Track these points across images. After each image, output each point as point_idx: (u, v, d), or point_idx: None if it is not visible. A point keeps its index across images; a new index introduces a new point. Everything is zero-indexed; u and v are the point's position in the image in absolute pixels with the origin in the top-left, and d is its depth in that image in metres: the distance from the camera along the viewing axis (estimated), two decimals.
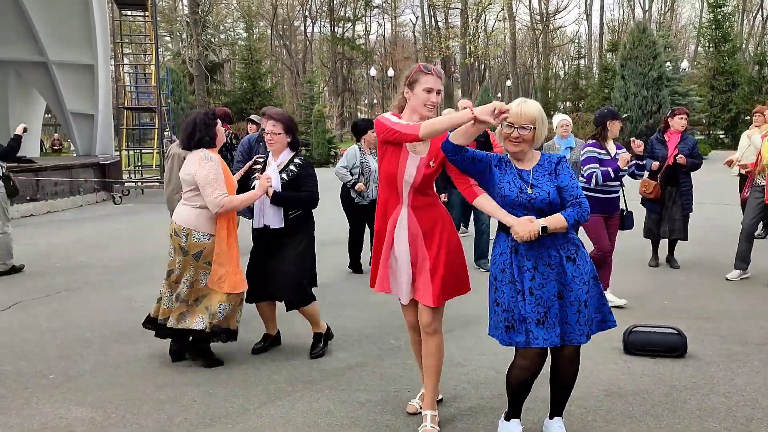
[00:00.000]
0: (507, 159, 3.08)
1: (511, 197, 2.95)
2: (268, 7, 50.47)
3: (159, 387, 3.98)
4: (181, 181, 4.24)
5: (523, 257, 2.94)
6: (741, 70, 35.63)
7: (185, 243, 4.11)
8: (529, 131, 2.93)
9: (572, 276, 2.93)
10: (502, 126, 2.95)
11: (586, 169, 5.46)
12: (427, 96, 3.09)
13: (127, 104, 19.48)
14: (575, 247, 2.99)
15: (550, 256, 2.93)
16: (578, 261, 2.96)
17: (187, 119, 4.29)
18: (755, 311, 5.40)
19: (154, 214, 12.53)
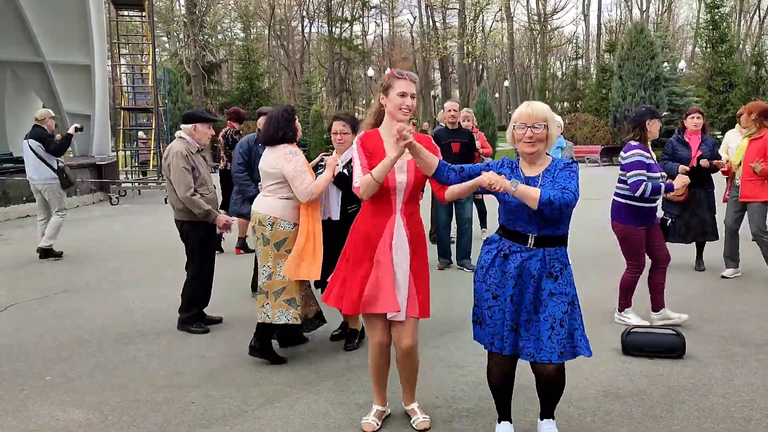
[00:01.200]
0: (516, 165, 3.04)
1: (516, 202, 2.91)
2: (266, 7, 50.42)
3: (156, 389, 3.97)
4: (264, 174, 4.41)
5: (510, 263, 2.95)
6: (738, 71, 35.66)
7: (270, 232, 4.26)
8: (542, 129, 2.90)
9: (550, 293, 2.90)
10: (514, 127, 2.94)
11: (633, 175, 4.74)
12: (402, 100, 3.12)
13: (124, 105, 19.45)
14: (561, 265, 2.96)
15: (535, 269, 2.92)
16: (560, 279, 2.94)
17: (267, 117, 4.55)
18: (754, 312, 5.41)
19: (151, 215, 12.51)
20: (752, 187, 6.15)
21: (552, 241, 2.94)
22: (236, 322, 5.38)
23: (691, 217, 6.83)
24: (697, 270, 7.00)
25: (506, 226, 3.02)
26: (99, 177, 15.56)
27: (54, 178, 8.15)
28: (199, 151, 5.17)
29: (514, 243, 2.96)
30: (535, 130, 2.90)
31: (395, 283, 3.17)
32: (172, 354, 4.62)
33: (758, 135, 6.16)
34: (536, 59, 56.54)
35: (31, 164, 8.16)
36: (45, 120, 8.32)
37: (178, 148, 5.00)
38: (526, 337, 2.93)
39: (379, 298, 3.15)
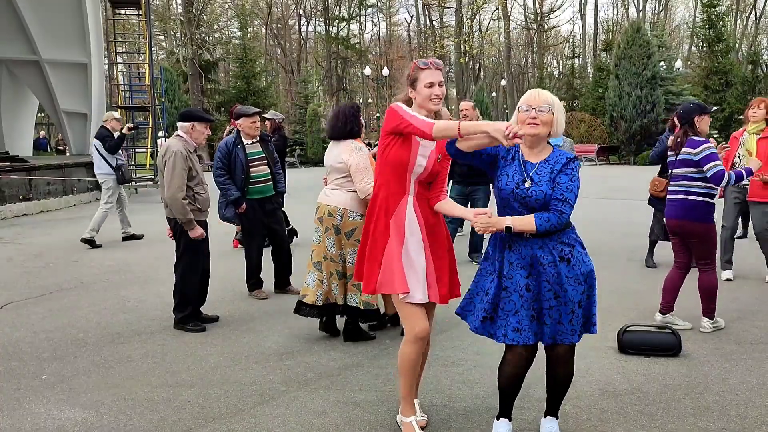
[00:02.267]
0: (516, 149, 3.01)
1: (507, 191, 2.92)
2: (263, 5, 50.36)
3: (152, 388, 3.96)
4: (330, 168, 4.64)
5: (516, 254, 2.93)
6: (734, 70, 35.71)
7: (340, 222, 4.53)
8: (547, 112, 2.88)
9: (566, 276, 2.89)
10: (519, 111, 2.92)
11: (712, 167, 4.60)
12: (430, 90, 3.07)
13: (121, 103, 19.41)
14: (569, 247, 2.94)
15: (544, 256, 2.91)
16: (573, 261, 2.92)
17: (333, 113, 4.78)
18: (749, 310, 5.42)
19: (147, 214, 12.48)
20: (763, 186, 6.01)
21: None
22: (233, 320, 5.37)
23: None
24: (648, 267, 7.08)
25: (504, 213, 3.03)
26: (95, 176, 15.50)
27: (111, 173, 9.23)
28: (194, 151, 5.16)
29: (514, 235, 2.94)
30: (540, 112, 2.88)
31: (406, 264, 3.08)
32: (168, 353, 4.61)
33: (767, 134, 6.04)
34: (533, 58, 56.55)
35: (95, 160, 9.39)
36: (108, 121, 9.37)
37: (176, 147, 4.95)
38: (550, 323, 2.91)
39: (393, 278, 3.06)
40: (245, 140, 5.99)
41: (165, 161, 4.96)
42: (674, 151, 4.90)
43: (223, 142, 6.00)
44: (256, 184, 5.97)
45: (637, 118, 25.19)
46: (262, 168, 6.02)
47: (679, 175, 4.82)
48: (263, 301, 5.98)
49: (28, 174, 13.12)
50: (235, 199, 5.86)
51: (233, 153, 5.87)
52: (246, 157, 5.92)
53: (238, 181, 5.88)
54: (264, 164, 6.04)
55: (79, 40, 16.13)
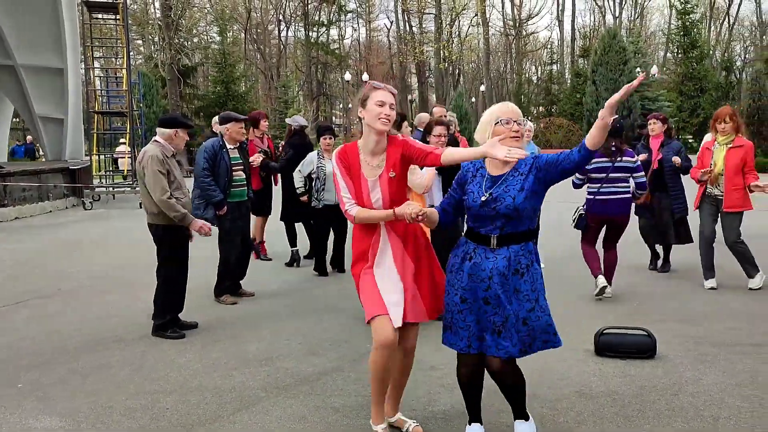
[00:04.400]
0: (480, 165, 3.05)
1: (475, 207, 2.97)
2: (242, 10, 50.18)
3: (131, 395, 3.94)
4: None
5: (477, 266, 2.96)
6: (709, 76, 36.43)
7: None
8: (523, 124, 2.99)
9: (515, 290, 2.91)
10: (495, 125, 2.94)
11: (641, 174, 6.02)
12: (380, 109, 3.03)
13: (98, 108, 19.22)
14: (528, 261, 2.95)
15: (504, 266, 2.92)
16: (526, 276, 2.93)
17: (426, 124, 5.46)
18: (724, 313, 5.52)
19: (126, 220, 12.38)
20: (738, 197, 6.08)
21: (515, 238, 2.95)
22: (212, 326, 5.35)
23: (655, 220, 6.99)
24: (660, 271, 7.14)
25: (472, 229, 3.04)
26: (72, 181, 15.35)
27: None
28: (173, 156, 5.15)
29: (479, 245, 2.98)
30: (520, 124, 2.94)
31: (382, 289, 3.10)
32: (147, 360, 4.58)
33: (739, 143, 6.11)
34: (512, 64, 57.00)
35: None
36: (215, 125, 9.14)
37: (152, 152, 4.96)
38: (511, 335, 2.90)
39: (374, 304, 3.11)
40: (229, 144, 6.09)
41: (143, 167, 4.95)
42: (610, 158, 5.89)
43: (209, 144, 6.05)
44: (236, 188, 6.11)
45: None
46: (240, 173, 6.18)
47: (619, 179, 5.91)
48: (241, 307, 5.96)
49: (3, 180, 12.93)
50: (219, 201, 5.90)
51: (219, 156, 5.95)
52: (230, 160, 6.04)
53: (222, 183, 5.97)
54: (241, 169, 6.20)
55: (56, 44, 15.93)
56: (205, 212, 5.85)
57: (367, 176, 3.13)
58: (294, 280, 7.11)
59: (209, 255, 6.18)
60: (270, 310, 5.86)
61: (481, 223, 2.98)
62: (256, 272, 7.17)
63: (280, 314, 5.71)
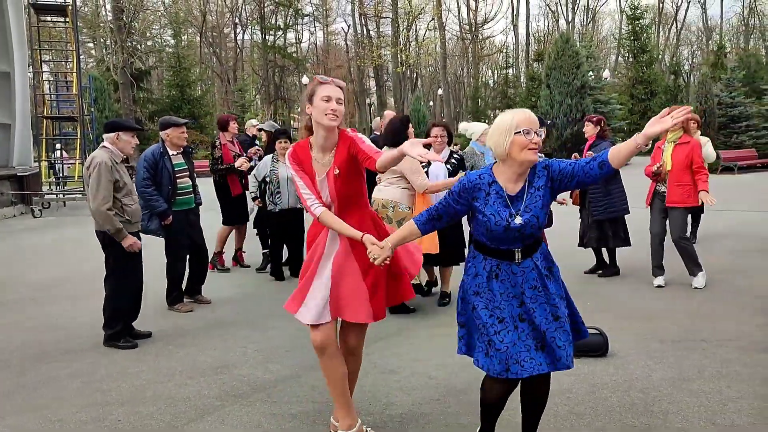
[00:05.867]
0: (491, 180, 2.78)
1: (499, 230, 2.71)
2: (197, 13, 49.50)
3: (81, 408, 3.83)
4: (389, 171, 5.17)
5: (506, 282, 2.77)
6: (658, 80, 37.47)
7: (392, 213, 5.49)
8: (541, 135, 2.73)
9: (553, 293, 2.78)
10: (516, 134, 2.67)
11: None
12: (327, 104, 2.98)
13: (47, 113, 18.68)
14: (549, 263, 2.85)
15: (533, 278, 2.78)
16: (553, 276, 2.84)
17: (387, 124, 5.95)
18: (672, 310, 5.67)
19: (77, 228, 12.06)
20: (681, 192, 6.21)
21: (535, 246, 2.82)
22: (166, 335, 5.25)
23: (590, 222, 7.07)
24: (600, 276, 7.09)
25: (488, 245, 2.80)
26: (20, 189, 14.90)
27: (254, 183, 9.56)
28: (124, 161, 5.03)
29: (503, 261, 2.78)
30: (540, 135, 2.71)
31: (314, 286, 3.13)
32: (98, 371, 4.47)
33: (686, 140, 6.26)
34: (468, 68, 57.64)
35: None
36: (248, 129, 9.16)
37: (101, 158, 4.82)
38: (554, 348, 2.73)
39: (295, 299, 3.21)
40: (171, 151, 5.90)
41: (90, 173, 4.82)
42: None
43: (149, 152, 5.82)
44: (181, 196, 5.91)
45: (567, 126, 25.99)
46: (186, 180, 5.98)
47: None
48: (197, 315, 5.88)
49: None
50: (163, 211, 5.73)
51: (160, 164, 5.75)
52: (173, 167, 5.84)
53: (165, 192, 5.76)
54: (187, 176, 6.01)
55: (1, 47, 15.46)
56: (150, 223, 5.65)
57: (317, 173, 3.10)
58: (251, 286, 7.04)
59: (164, 263, 6.05)
60: (226, 318, 5.79)
61: (501, 243, 2.77)
62: (213, 279, 7.08)
63: (237, 321, 5.64)
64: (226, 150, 7.42)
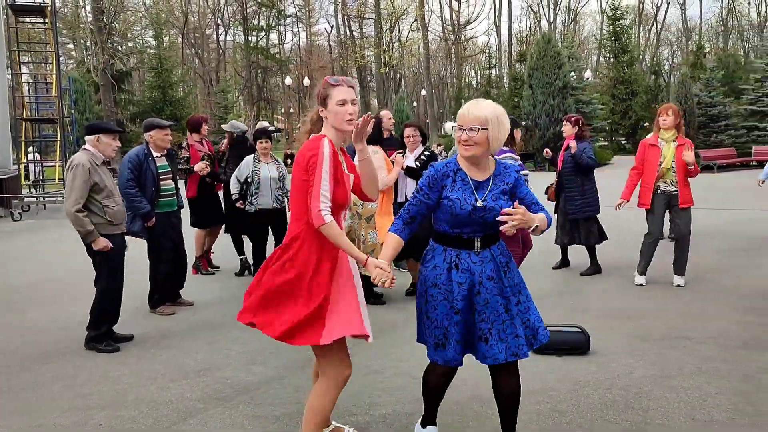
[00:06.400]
0: (457, 168, 2.87)
1: (464, 214, 2.78)
2: (179, 14, 49.22)
3: (62, 412, 3.79)
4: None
5: (464, 272, 2.83)
6: (639, 80, 37.87)
7: (362, 209, 5.85)
8: (479, 132, 2.74)
9: (509, 286, 2.87)
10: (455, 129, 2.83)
11: None
12: (344, 108, 2.84)
13: (26, 115, 18.45)
14: (507, 258, 2.93)
15: (491, 269, 2.85)
16: (509, 272, 2.91)
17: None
18: (654, 308, 5.73)
19: (56, 231, 11.92)
20: (689, 191, 6.26)
21: (493, 238, 2.90)
22: (148, 338, 5.21)
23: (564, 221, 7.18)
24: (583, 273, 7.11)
25: (450, 234, 2.87)
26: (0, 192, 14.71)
27: None
28: (105, 163, 4.99)
29: (462, 250, 2.85)
30: (471, 133, 2.75)
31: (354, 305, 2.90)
32: (79, 375, 4.42)
33: (683, 141, 6.26)
34: (452, 68, 57.85)
35: None
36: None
37: (81, 160, 4.79)
38: (504, 338, 2.80)
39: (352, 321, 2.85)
40: (155, 153, 5.88)
41: (68, 175, 4.79)
42: None
43: (133, 153, 5.78)
44: (164, 198, 5.90)
45: (550, 126, 26.15)
46: (169, 182, 5.97)
47: None
48: (180, 318, 5.84)
49: None
50: (146, 213, 5.70)
51: (144, 165, 5.72)
52: (157, 169, 5.82)
53: (149, 193, 5.73)
54: (170, 178, 6.00)
55: None
56: (133, 224, 5.61)
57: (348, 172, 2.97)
58: (234, 288, 7.00)
59: (145, 266, 6.01)
60: (209, 320, 5.75)
61: (464, 228, 2.83)
62: (196, 281, 7.04)
63: (220, 323, 5.61)
64: (194, 151, 7.30)
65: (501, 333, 2.81)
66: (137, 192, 5.65)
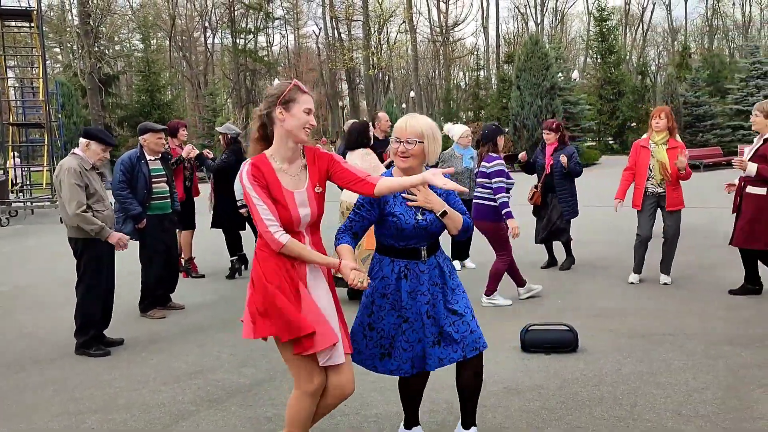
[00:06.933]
0: None
1: (409, 228, 2.87)
2: (166, 17, 49.02)
3: (53, 416, 3.80)
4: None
5: (413, 281, 2.91)
6: (626, 80, 38.08)
7: None
8: (415, 145, 2.85)
9: (452, 289, 2.99)
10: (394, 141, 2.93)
11: (497, 181, 5.74)
12: (308, 118, 2.74)
13: (13, 120, 18.34)
14: (449, 262, 3.09)
15: (437, 275, 2.96)
16: (452, 274, 3.04)
17: (348, 129, 6.39)
18: (641, 306, 5.80)
19: (44, 236, 11.86)
20: (678, 195, 6.32)
21: (436, 245, 3.03)
22: (139, 342, 5.22)
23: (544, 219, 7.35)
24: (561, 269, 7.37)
25: (396, 246, 2.93)
26: None
27: None
28: (94, 168, 5.00)
29: (410, 260, 2.92)
30: (408, 145, 2.86)
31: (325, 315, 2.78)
32: (69, 379, 4.42)
33: (675, 144, 6.31)
34: (440, 70, 57.98)
35: None
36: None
37: (69, 164, 4.80)
38: (458, 338, 2.89)
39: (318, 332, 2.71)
40: (148, 156, 5.95)
41: (60, 180, 4.79)
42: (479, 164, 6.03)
43: (126, 156, 5.89)
44: (156, 200, 5.95)
45: (538, 127, 26.26)
46: (162, 185, 6.04)
47: (479, 184, 5.95)
48: (170, 321, 5.84)
49: None
50: (137, 214, 5.73)
51: (137, 168, 5.80)
52: (149, 172, 5.89)
53: (140, 196, 5.81)
54: (164, 181, 6.06)
55: None
56: (124, 226, 5.67)
57: (291, 188, 2.75)
58: (225, 291, 7.01)
59: (136, 269, 6.01)
60: (200, 323, 5.76)
61: (410, 240, 2.91)
62: (186, 284, 7.04)
63: (211, 326, 5.63)
64: (175, 154, 7.32)
65: (453, 334, 2.90)
66: (129, 194, 5.72)
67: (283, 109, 2.72)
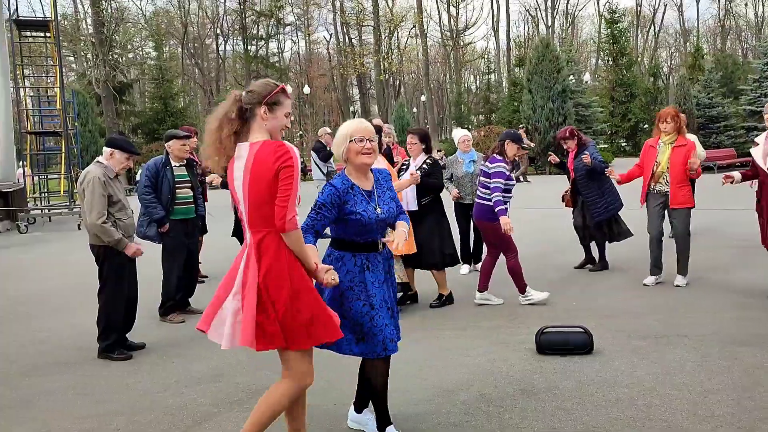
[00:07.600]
0: (350, 184, 3.16)
1: (372, 222, 3.14)
2: (178, 25, 49.51)
3: (78, 419, 3.89)
4: None
5: (375, 272, 3.21)
6: (638, 82, 37.95)
7: None
8: (376, 141, 3.20)
9: (390, 284, 3.32)
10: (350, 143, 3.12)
11: (495, 181, 5.82)
12: (286, 121, 2.89)
13: (30, 128, 18.61)
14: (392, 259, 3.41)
15: (390, 265, 3.34)
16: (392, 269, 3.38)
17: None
18: (654, 307, 5.82)
19: (62, 243, 12.04)
20: (684, 193, 6.33)
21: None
22: (160, 346, 5.31)
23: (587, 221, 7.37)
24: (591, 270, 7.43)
25: (357, 241, 3.17)
26: (5, 205, 14.82)
27: (322, 179, 10.77)
28: (117, 177, 5.11)
29: (370, 253, 3.20)
30: (372, 142, 3.16)
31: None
32: (93, 383, 4.52)
33: (682, 142, 6.35)
34: (451, 74, 58.02)
35: (313, 168, 11.20)
36: (322, 135, 11.05)
37: (95, 173, 4.90)
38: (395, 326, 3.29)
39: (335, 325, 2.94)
40: (174, 162, 6.12)
41: (84, 188, 4.89)
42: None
43: (152, 161, 6.12)
44: (180, 206, 6.10)
45: (550, 130, 26.21)
46: (186, 190, 6.17)
47: (481, 184, 6.10)
48: (190, 325, 5.91)
49: None
50: (160, 218, 5.90)
51: (161, 173, 5.98)
52: (174, 178, 6.05)
53: (164, 201, 5.99)
54: (188, 187, 6.19)
55: None
56: (148, 229, 5.89)
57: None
58: None
59: (157, 275, 6.12)
60: None
61: (370, 234, 3.18)
62: (204, 289, 7.14)
63: None
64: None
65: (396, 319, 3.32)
66: (153, 198, 5.91)
67: (267, 110, 2.81)
